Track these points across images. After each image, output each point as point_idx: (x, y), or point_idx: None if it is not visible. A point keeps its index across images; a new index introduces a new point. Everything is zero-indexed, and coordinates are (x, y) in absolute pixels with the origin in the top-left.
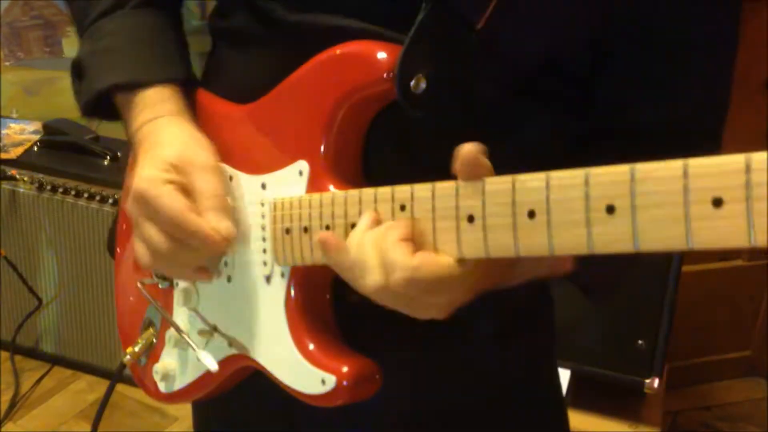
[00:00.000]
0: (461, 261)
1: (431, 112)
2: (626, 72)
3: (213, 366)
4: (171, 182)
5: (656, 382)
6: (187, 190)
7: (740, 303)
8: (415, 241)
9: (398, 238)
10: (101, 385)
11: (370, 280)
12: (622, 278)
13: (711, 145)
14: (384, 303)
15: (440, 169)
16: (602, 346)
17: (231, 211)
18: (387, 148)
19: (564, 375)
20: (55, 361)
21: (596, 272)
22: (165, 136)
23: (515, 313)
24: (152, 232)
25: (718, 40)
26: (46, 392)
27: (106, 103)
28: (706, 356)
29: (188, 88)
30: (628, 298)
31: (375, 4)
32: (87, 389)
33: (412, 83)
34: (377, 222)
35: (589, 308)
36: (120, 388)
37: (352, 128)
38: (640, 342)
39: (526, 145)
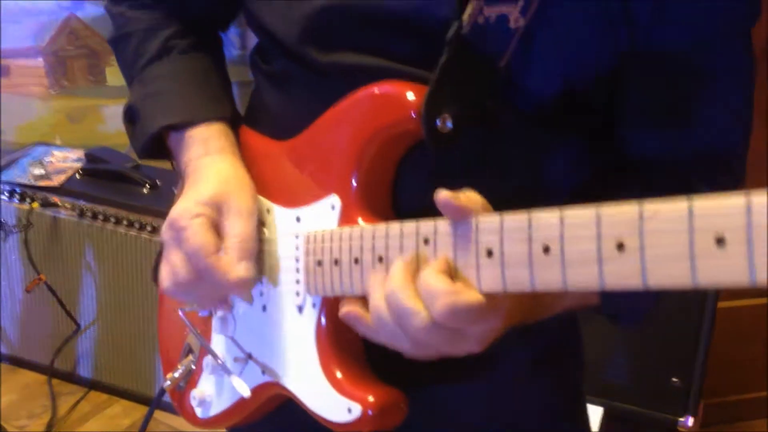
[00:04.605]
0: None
1: (457, 149)
2: (644, 103)
3: (245, 392)
4: (202, 216)
5: (690, 421)
6: (217, 228)
7: None
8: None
9: (438, 271)
10: (136, 411)
11: (416, 321)
12: (652, 306)
13: (735, 174)
14: (425, 351)
15: None
16: (636, 383)
17: (258, 252)
18: (416, 181)
19: (596, 412)
20: (92, 385)
21: (622, 302)
22: (208, 173)
23: (546, 346)
24: (177, 258)
25: (735, 68)
26: (82, 416)
27: (159, 145)
28: (742, 394)
29: (234, 124)
30: (662, 335)
31: (401, 44)
32: (122, 414)
33: (438, 122)
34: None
35: (622, 345)
36: (155, 414)
37: (382, 164)
38: (674, 379)
39: (550, 176)
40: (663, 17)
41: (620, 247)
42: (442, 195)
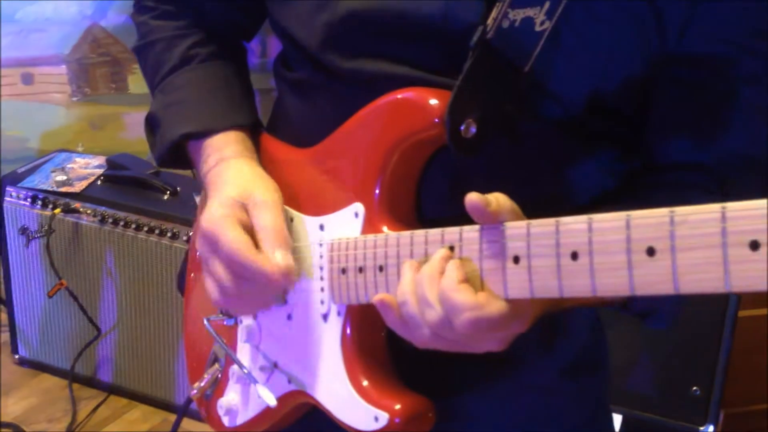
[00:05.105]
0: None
1: (481, 155)
2: (674, 108)
3: (271, 401)
4: (230, 218)
5: (711, 430)
6: (248, 227)
7: None
8: (468, 281)
9: (458, 281)
10: (155, 416)
11: (431, 315)
12: (679, 303)
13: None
14: (441, 345)
15: None
16: (656, 392)
17: (291, 248)
18: (440, 189)
19: (615, 420)
20: (112, 390)
21: (650, 301)
22: (228, 176)
23: (572, 357)
24: (218, 268)
25: (766, 72)
26: (102, 421)
27: (180, 153)
28: (764, 403)
29: (254, 132)
30: (683, 344)
31: (424, 51)
32: (141, 419)
33: (462, 128)
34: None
35: (643, 354)
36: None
37: (405, 171)
38: (694, 388)
39: (578, 183)
40: (695, 21)
41: (650, 252)
42: (473, 199)
